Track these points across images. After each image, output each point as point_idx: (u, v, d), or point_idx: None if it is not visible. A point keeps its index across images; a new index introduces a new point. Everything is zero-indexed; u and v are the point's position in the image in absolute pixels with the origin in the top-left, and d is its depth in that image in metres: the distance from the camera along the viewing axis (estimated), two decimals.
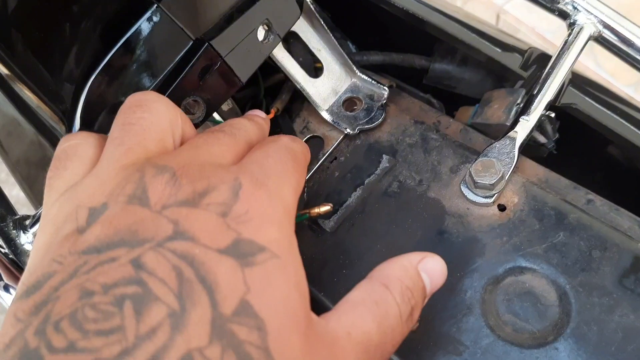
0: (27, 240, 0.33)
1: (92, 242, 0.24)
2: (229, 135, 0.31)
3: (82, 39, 0.35)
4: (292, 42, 0.43)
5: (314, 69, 0.44)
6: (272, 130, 0.38)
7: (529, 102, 0.40)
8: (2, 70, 0.37)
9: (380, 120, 0.43)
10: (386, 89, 0.44)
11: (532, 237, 0.36)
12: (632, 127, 0.44)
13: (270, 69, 0.44)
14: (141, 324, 0.21)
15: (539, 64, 0.46)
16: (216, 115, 0.41)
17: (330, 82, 0.44)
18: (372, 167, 0.42)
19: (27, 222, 0.34)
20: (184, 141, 0.30)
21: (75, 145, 0.29)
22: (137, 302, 0.22)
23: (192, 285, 0.22)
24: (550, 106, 0.40)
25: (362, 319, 0.27)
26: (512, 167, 0.38)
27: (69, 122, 0.35)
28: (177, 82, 0.34)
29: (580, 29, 0.41)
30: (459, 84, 0.49)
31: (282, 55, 0.41)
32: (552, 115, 0.42)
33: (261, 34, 0.37)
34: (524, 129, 0.39)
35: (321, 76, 0.44)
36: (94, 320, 0.21)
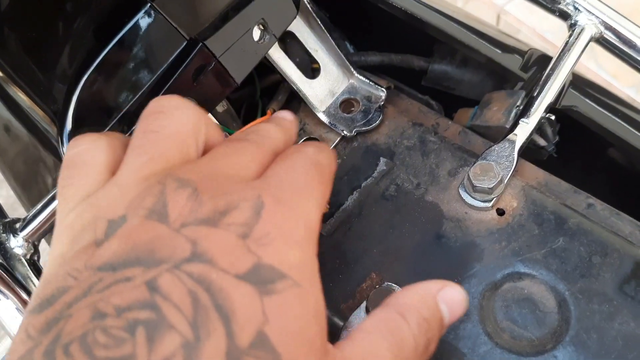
0: (17, 244, 0.33)
1: (108, 257, 0.23)
2: (255, 144, 0.29)
3: (74, 38, 0.35)
4: (289, 42, 0.43)
5: (311, 69, 0.44)
6: None
7: (528, 104, 0.39)
8: None
9: (377, 122, 0.42)
10: (384, 90, 0.43)
11: (531, 242, 0.35)
12: (633, 130, 0.44)
13: (266, 69, 0.44)
14: (153, 354, 0.21)
15: (539, 66, 0.45)
16: (211, 116, 0.41)
17: (327, 83, 0.44)
18: (369, 169, 0.41)
19: (18, 225, 0.33)
20: (210, 146, 0.29)
21: (85, 150, 0.28)
22: (150, 329, 0.21)
23: (207, 312, 0.22)
24: (550, 108, 0.40)
25: (377, 348, 0.26)
26: (512, 171, 0.37)
27: (60, 122, 0.34)
28: (170, 82, 0.33)
29: (581, 30, 0.40)
30: (458, 85, 0.49)
31: (278, 55, 0.41)
32: (552, 117, 0.41)
33: (257, 34, 0.36)
34: (523, 131, 0.38)
35: (318, 77, 0.43)
36: (105, 346, 0.21)
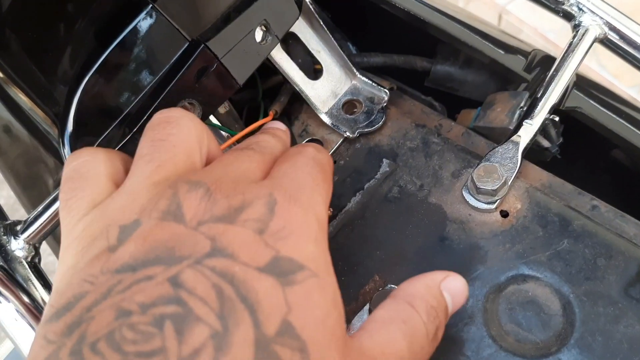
0: (18, 246, 0.33)
1: (126, 259, 0.23)
2: (257, 152, 0.30)
3: (76, 39, 0.34)
4: (291, 44, 0.42)
5: (313, 70, 0.44)
6: None
7: (532, 106, 0.39)
8: None
9: (380, 123, 0.42)
10: (387, 91, 0.43)
11: (536, 244, 0.35)
12: (638, 131, 0.44)
13: (268, 70, 0.44)
14: (183, 346, 0.21)
15: (543, 67, 0.45)
16: (213, 118, 0.41)
17: (329, 84, 0.43)
18: (372, 171, 0.41)
19: (19, 227, 0.33)
20: (210, 159, 0.30)
21: (86, 162, 0.28)
22: (178, 323, 0.21)
23: (233, 304, 0.22)
24: (554, 110, 0.39)
25: (394, 337, 0.27)
26: (515, 172, 0.37)
27: (61, 124, 0.34)
28: (172, 84, 0.33)
29: (585, 31, 0.40)
30: (461, 86, 0.49)
31: (280, 56, 0.41)
32: (556, 119, 0.41)
33: (259, 35, 0.36)
34: (527, 133, 0.38)
35: (320, 78, 0.43)
36: (133, 341, 0.21)
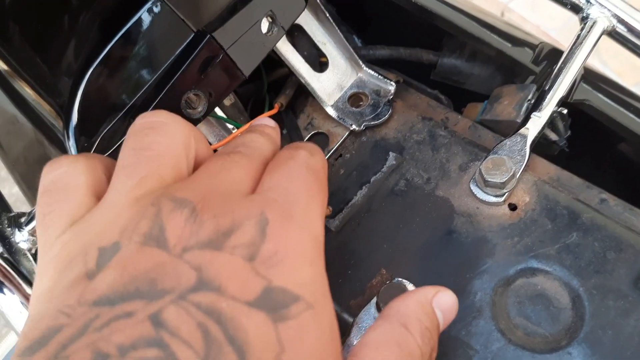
0: (22, 238, 0.32)
1: (104, 290, 0.21)
2: (246, 156, 0.28)
3: (80, 30, 0.34)
4: (297, 36, 0.42)
5: (319, 63, 0.43)
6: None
7: (540, 98, 0.39)
8: (1, 65, 0.36)
9: (386, 116, 0.42)
10: (393, 84, 0.43)
11: (544, 237, 0.35)
12: None
13: (274, 63, 0.43)
14: None
15: (550, 59, 0.45)
16: (218, 110, 0.40)
17: (335, 77, 0.43)
18: (378, 164, 0.40)
19: (22, 219, 0.33)
20: (199, 161, 0.28)
21: (64, 173, 0.26)
22: None
23: (220, 346, 0.20)
24: (562, 102, 0.39)
25: None
26: (524, 165, 0.36)
27: (66, 116, 0.34)
28: (177, 75, 0.33)
29: (593, 23, 0.39)
30: (467, 79, 0.48)
31: (286, 48, 0.40)
32: (564, 111, 0.41)
33: (265, 26, 0.36)
34: (535, 125, 0.37)
35: (326, 71, 0.43)
36: None
